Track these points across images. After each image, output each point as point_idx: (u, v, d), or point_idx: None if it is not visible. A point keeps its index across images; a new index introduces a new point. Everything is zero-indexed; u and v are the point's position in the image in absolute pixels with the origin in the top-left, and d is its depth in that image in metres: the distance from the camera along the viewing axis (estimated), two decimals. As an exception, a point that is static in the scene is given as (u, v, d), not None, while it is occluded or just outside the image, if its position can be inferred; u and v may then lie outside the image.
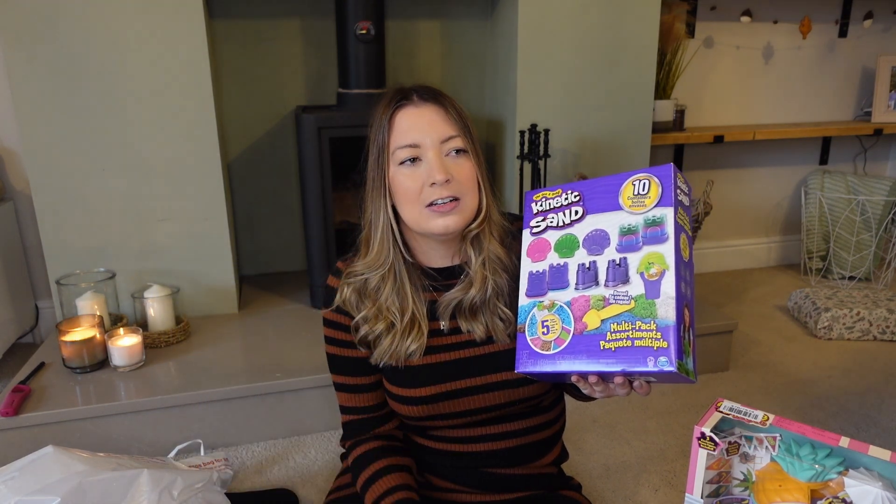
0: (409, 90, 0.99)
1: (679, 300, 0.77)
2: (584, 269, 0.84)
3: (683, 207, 0.83)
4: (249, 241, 2.46)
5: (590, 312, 0.82)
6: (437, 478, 1.08)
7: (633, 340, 0.78)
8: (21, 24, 1.77)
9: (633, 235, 0.81)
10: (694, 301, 0.82)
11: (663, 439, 1.72)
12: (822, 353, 2.24)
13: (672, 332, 0.75)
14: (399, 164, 0.96)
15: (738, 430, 0.84)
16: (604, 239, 0.84)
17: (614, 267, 0.82)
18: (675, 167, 0.82)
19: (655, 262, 0.79)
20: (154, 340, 1.86)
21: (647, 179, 0.82)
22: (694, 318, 0.82)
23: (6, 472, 1.14)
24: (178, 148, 1.95)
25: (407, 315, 1.01)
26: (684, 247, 0.81)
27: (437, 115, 0.97)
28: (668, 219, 0.79)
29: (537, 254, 0.90)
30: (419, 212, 0.96)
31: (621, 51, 2.23)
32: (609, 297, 0.81)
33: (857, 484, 0.75)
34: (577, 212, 0.88)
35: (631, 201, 0.83)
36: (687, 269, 0.81)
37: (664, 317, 0.76)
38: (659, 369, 0.75)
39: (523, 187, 2.20)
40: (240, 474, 1.60)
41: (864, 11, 2.90)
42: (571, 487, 1.15)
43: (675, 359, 0.74)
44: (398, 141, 0.96)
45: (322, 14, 2.27)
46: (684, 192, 0.84)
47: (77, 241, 1.94)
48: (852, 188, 2.84)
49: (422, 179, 0.95)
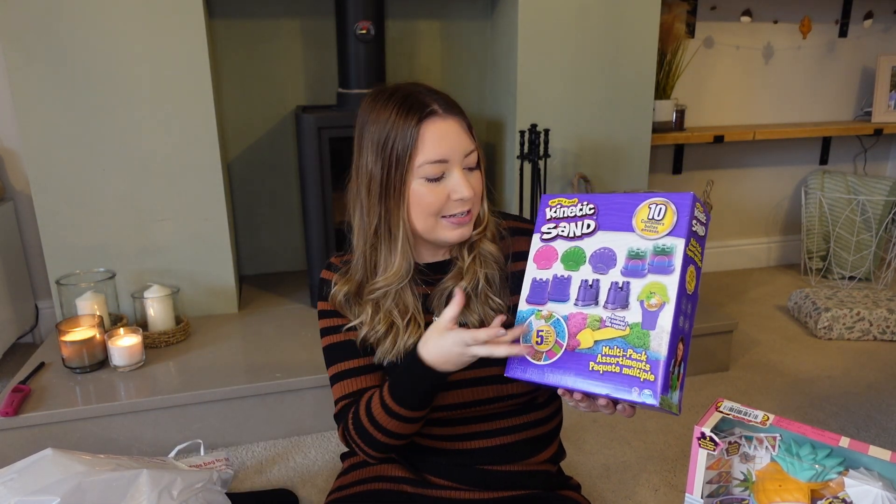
0: (427, 98, 0.96)
1: (674, 335, 0.77)
2: (587, 286, 0.84)
3: (697, 238, 0.81)
4: (249, 241, 2.46)
5: (585, 331, 0.82)
6: (434, 476, 1.09)
7: (622, 367, 0.78)
8: (21, 24, 1.77)
9: (641, 261, 0.81)
10: (691, 335, 0.82)
11: (663, 439, 1.72)
12: (822, 353, 2.23)
13: (661, 367, 0.75)
14: (423, 177, 0.95)
15: (738, 430, 0.84)
16: (611, 259, 0.83)
17: (616, 290, 0.81)
18: (696, 196, 0.81)
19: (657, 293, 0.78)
20: (154, 340, 1.86)
21: (665, 205, 0.81)
22: (688, 350, 0.81)
23: (6, 474, 1.14)
24: (178, 148, 1.95)
25: (408, 314, 1.02)
26: (690, 279, 0.80)
27: (461, 129, 0.97)
28: (677, 250, 0.79)
29: (543, 261, 0.89)
30: (435, 222, 0.97)
31: (621, 51, 2.23)
32: (606, 320, 0.81)
33: (857, 484, 0.75)
34: (590, 225, 0.87)
35: (644, 224, 0.82)
36: (689, 301, 0.80)
37: (656, 350, 0.76)
38: (642, 402, 0.76)
39: (523, 187, 2.20)
40: (240, 474, 1.60)
41: (864, 11, 2.90)
42: (571, 487, 1.15)
43: (659, 393, 0.75)
44: (428, 155, 0.94)
45: (322, 14, 2.27)
46: (701, 221, 0.82)
47: (77, 241, 1.94)
48: (852, 188, 2.84)
49: (445, 194, 0.95)
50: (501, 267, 1.04)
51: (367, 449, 1.00)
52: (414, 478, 1.09)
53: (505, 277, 1.03)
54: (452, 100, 0.99)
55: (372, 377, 1.04)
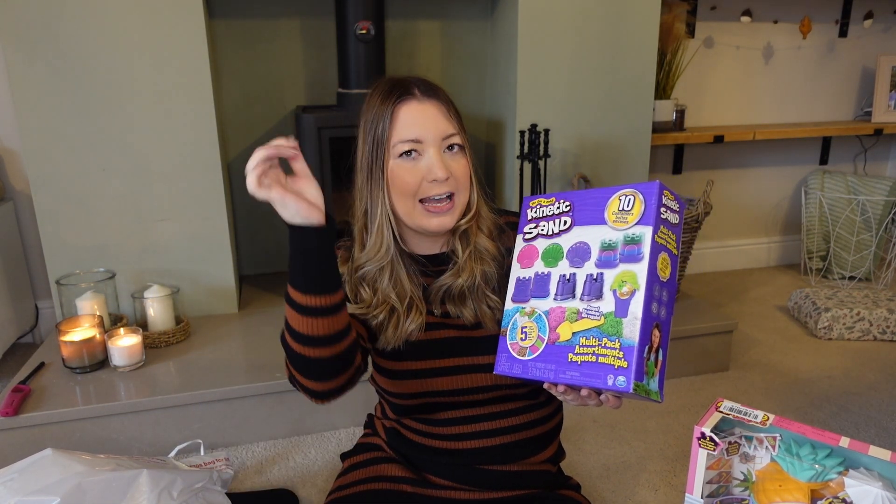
0: (409, 83, 0.99)
1: (647, 321, 0.78)
2: (565, 281, 0.86)
3: (668, 226, 0.83)
4: (249, 241, 2.45)
5: (564, 324, 0.84)
6: (435, 476, 1.09)
7: (597, 356, 0.79)
8: (21, 25, 1.77)
9: (612, 252, 0.83)
10: (670, 322, 0.83)
11: (663, 439, 1.72)
12: (822, 353, 2.23)
13: (634, 353, 0.76)
14: (398, 156, 0.97)
15: (738, 430, 0.84)
16: (585, 252, 0.85)
17: (591, 281, 0.83)
18: (663, 184, 0.82)
19: (628, 281, 0.80)
20: (154, 340, 1.86)
21: (633, 195, 0.83)
22: (667, 339, 0.82)
23: (5, 474, 1.14)
24: (178, 148, 1.95)
25: (406, 300, 1.03)
26: (663, 266, 0.81)
27: (439, 112, 0.99)
28: (645, 238, 0.80)
29: (526, 260, 0.92)
30: (412, 206, 0.98)
31: (621, 51, 2.23)
32: (582, 311, 0.83)
33: (857, 484, 0.75)
34: (566, 222, 0.89)
35: (615, 216, 0.84)
36: (664, 289, 0.81)
37: (628, 336, 0.77)
38: (615, 388, 0.77)
39: (523, 187, 2.20)
40: (240, 474, 1.60)
41: (864, 11, 2.90)
42: (570, 487, 1.15)
43: (632, 379, 0.76)
44: (400, 135, 0.97)
45: (322, 14, 2.27)
46: (672, 209, 0.84)
47: (77, 241, 1.94)
48: (852, 188, 2.84)
49: (421, 174, 0.97)
50: (500, 264, 1.04)
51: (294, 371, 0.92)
52: (414, 478, 1.09)
53: (503, 274, 1.03)
54: (436, 86, 1.01)
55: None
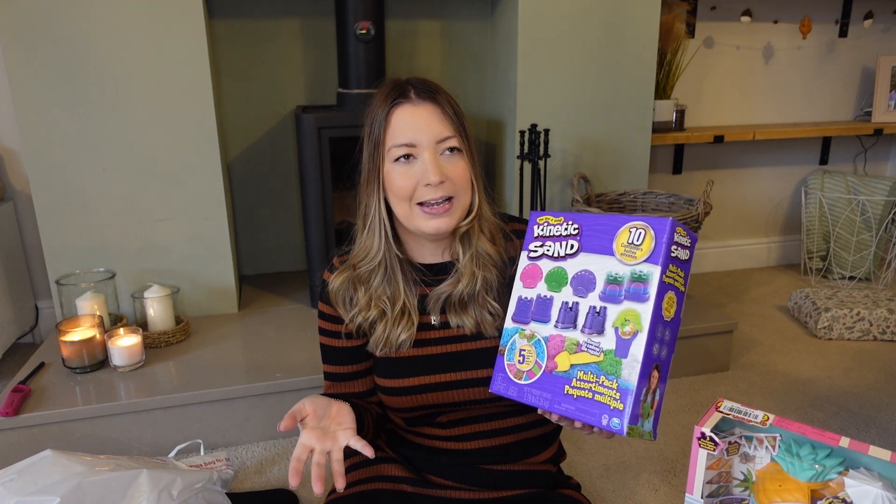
0: (407, 86, 0.99)
1: (646, 364, 0.77)
2: (567, 309, 0.84)
3: (677, 263, 0.81)
4: (249, 241, 2.46)
5: (562, 354, 0.83)
6: (435, 475, 1.09)
7: (594, 393, 0.78)
8: (21, 24, 1.77)
9: (618, 286, 0.81)
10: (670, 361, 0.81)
11: (663, 439, 1.72)
12: (822, 353, 2.23)
13: (630, 396, 0.75)
14: (394, 160, 0.97)
15: (738, 430, 0.84)
16: (590, 282, 0.84)
17: (594, 314, 0.82)
18: (675, 221, 0.80)
19: (631, 321, 0.78)
20: (154, 340, 1.86)
21: (644, 230, 0.81)
22: (666, 375, 0.81)
23: (5, 475, 1.14)
24: (178, 148, 1.95)
25: (398, 304, 1.02)
26: (669, 305, 0.79)
27: (434, 115, 0.97)
28: (653, 278, 0.78)
29: (529, 280, 0.90)
30: (410, 209, 0.98)
31: (621, 51, 2.23)
32: (582, 344, 0.81)
33: (857, 484, 0.75)
34: (573, 246, 0.87)
35: (623, 249, 0.82)
36: (667, 328, 0.80)
37: (627, 379, 0.76)
38: (609, 429, 0.76)
39: (523, 187, 2.20)
40: (240, 474, 1.60)
41: (864, 11, 2.90)
42: (570, 486, 1.15)
43: (626, 423, 0.75)
44: (394, 139, 0.96)
45: (322, 14, 2.27)
46: (683, 245, 0.81)
47: (77, 241, 1.94)
48: (852, 188, 2.84)
49: (416, 178, 0.96)
50: (501, 270, 1.03)
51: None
52: (414, 477, 1.09)
53: (505, 282, 1.03)
54: (434, 85, 1.00)
55: (356, 384, 1.08)
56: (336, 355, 1.08)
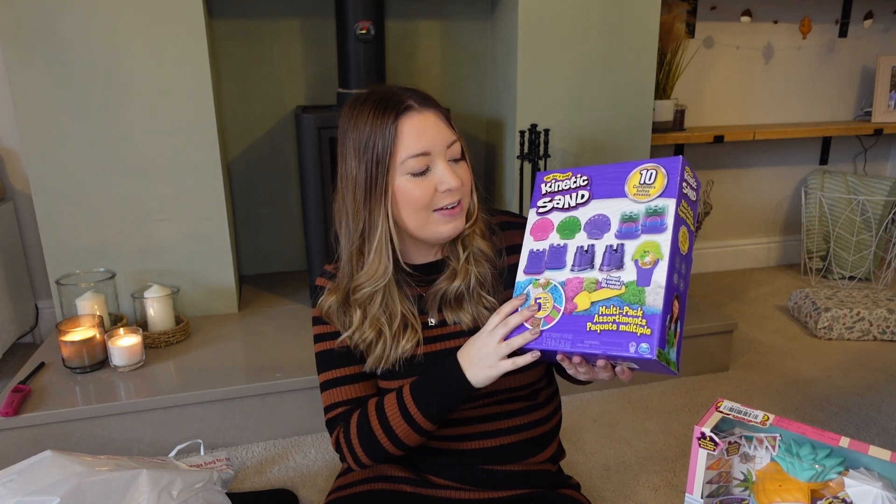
0: (402, 95, 0.97)
1: (669, 291, 0.78)
2: (582, 252, 0.85)
3: (688, 201, 0.83)
4: (249, 241, 2.46)
5: (581, 294, 0.83)
6: (435, 476, 1.09)
7: (618, 325, 0.79)
8: (21, 24, 1.77)
9: (634, 223, 0.82)
10: (686, 296, 0.83)
11: (663, 439, 1.72)
12: (822, 353, 2.23)
13: (657, 321, 0.76)
14: (409, 173, 0.95)
15: (738, 430, 0.84)
16: (605, 224, 0.85)
17: (611, 252, 0.83)
18: (686, 160, 0.83)
19: (651, 251, 0.80)
20: (154, 340, 1.86)
21: (655, 170, 0.83)
22: (684, 311, 0.83)
23: (5, 475, 1.14)
24: (177, 148, 1.95)
25: (396, 321, 1.01)
26: (683, 240, 0.81)
27: (440, 121, 0.97)
28: (669, 210, 0.80)
29: (540, 233, 0.91)
30: (426, 218, 0.97)
31: (621, 51, 2.23)
32: (602, 281, 0.82)
33: (857, 484, 0.75)
34: (584, 195, 0.89)
35: (636, 189, 0.84)
36: (683, 262, 0.82)
37: (652, 304, 0.77)
38: (639, 355, 0.76)
39: (523, 187, 2.20)
40: (240, 474, 1.60)
41: (864, 11, 2.90)
42: (570, 486, 1.15)
43: (656, 346, 0.75)
44: (408, 150, 0.94)
45: (322, 14, 2.27)
46: (691, 186, 0.84)
47: (77, 241, 1.94)
48: (852, 188, 2.84)
49: (433, 186, 0.96)
50: (493, 264, 1.04)
51: (364, 456, 1.00)
52: (414, 478, 1.09)
53: (497, 274, 1.03)
54: (427, 94, 0.99)
55: (365, 385, 1.06)
56: (339, 356, 1.06)
